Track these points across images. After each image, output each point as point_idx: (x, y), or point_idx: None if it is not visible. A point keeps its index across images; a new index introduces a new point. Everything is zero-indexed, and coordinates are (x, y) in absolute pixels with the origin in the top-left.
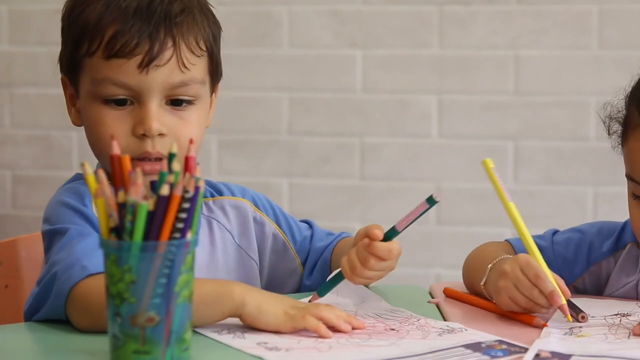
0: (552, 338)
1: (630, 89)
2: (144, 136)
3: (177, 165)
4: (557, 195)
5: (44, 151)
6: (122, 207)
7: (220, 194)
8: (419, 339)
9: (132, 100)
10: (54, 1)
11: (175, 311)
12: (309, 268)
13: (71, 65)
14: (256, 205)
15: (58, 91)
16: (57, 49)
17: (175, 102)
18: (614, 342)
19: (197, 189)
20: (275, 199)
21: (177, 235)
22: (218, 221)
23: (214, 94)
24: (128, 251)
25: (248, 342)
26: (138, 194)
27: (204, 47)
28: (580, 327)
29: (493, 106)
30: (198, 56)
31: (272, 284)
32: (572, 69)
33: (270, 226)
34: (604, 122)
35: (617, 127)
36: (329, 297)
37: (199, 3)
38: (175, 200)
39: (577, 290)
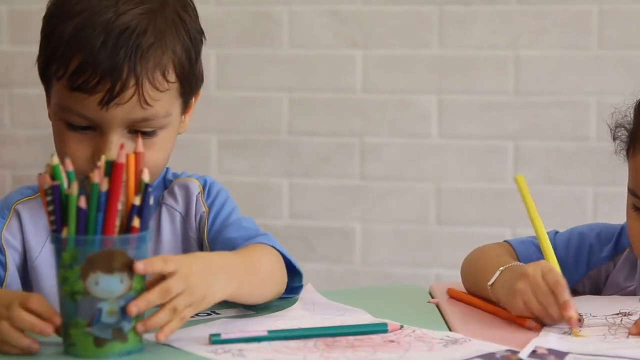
0: (550, 336)
1: (639, 99)
2: None
3: (146, 176)
4: (557, 195)
5: (44, 151)
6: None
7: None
8: (426, 351)
9: (95, 127)
10: None
11: (62, 303)
12: None
13: (44, 77)
14: (204, 187)
15: None
16: None
17: (138, 131)
18: (612, 341)
19: (54, 187)
20: (275, 199)
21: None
22: (166, 204)
23: (194, 100)
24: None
25: None
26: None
27: (172, 78)
28: (580, 327)
29: (493, 106)
30: (162, 91)
31: None
32: (572, 69)
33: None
34: (611, 129)
35: (621, 133)
36: (305, 310)
37: (175, 22)
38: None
39: (576, 293)
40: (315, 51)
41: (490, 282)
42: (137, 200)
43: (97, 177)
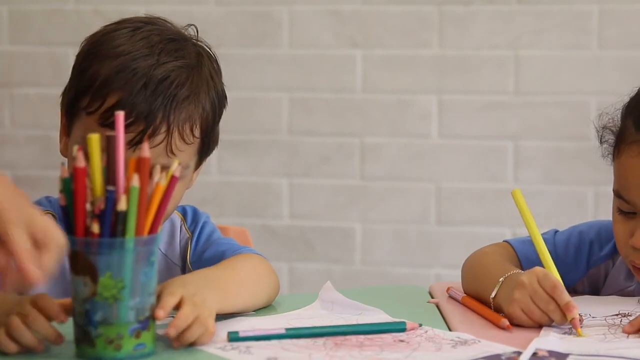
0: (550, 337)
1: (627, 101)
2: None
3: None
4: (557, 195)
5: (44, 151)
6: None
7: None
8: (433, 351)
9: None
10: (54, 1)
11: None
12: None
13: (69, 109)
14: (184, 215)
15: (58, 91)
16: (57, 49)
17: None
18: (612, 341)
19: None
20: (275, 199)
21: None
22: None
23: (203, 163)
24: None
25: (256, 357)
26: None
27: (197, 134)
28: (580, 327)
29: (493, 106)
30: (188, 144)
31: None
32: (572, 69)
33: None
34: (598, 131)
35: (608, 137)
36: (324, 309)
37: (208, 83)
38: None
39: (575, 292)
40: (315, 51)
41: (492, 296)
42: (101, 205)
43: (65, 172)
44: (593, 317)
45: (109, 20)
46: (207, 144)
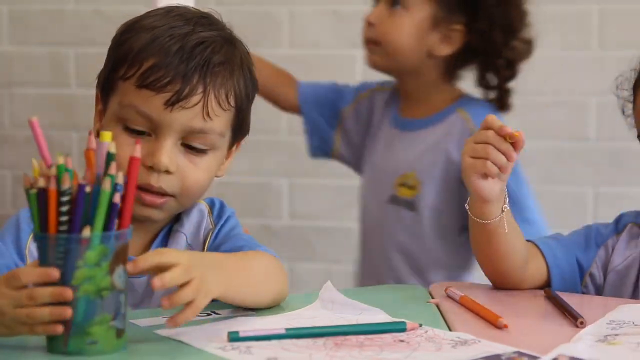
0: (580, 344)
1: None
2: (151, 168)
3: (113, 169)
4: (557, 195)
5: None
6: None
7: None
8: (433, 351)
9: (151, 133)
10: (54, 1)
11: (76, 304)
12: None
13: (106, 85)
14: (212, 206)
15: (58, 91)
16: (57, 49)
17: (190, 147)
18: None
19: (80, 186)
20: (276, 199)
21: (64, 228)
22: (172, 226)
23: (235, 147)
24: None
25: (256, 357)
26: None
27: (232, 103)
28: (616, 334)
29: None
30: (224, 109)
31: None
32: (572, 69)
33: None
34: (619, 100)
35: (629, 104)
36: (324, 308)
37: (242, 61)
38: (52, 194)
39: (591, 277)
40: (315, 51)
41: (466, 204)
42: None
43: (114, 169)
44: (636, 325)
45: (109, 20)
46: (240, 121)
